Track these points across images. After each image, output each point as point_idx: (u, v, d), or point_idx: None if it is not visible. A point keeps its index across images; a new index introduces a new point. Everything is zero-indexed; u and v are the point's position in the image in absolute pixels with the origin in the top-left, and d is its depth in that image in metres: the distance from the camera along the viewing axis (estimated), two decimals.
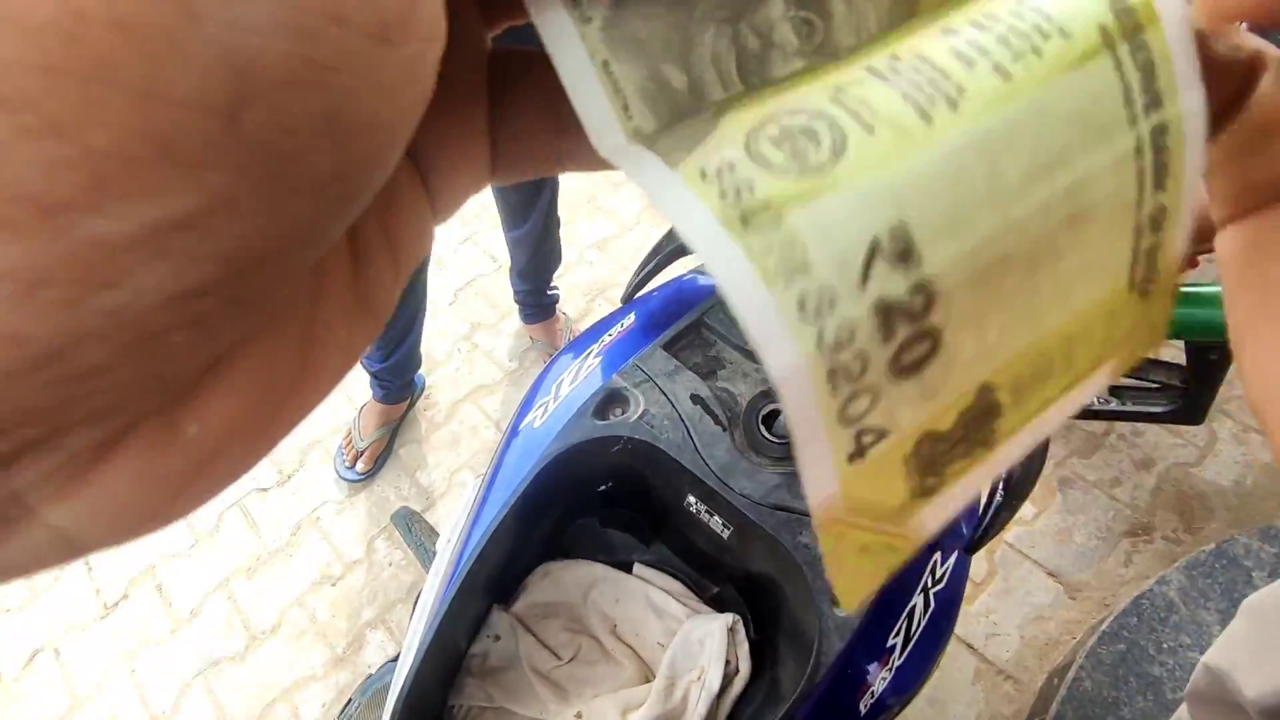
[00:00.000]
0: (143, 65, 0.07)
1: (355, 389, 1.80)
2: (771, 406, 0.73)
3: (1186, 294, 0.51)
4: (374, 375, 1.60)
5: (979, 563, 1.44)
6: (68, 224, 0.07)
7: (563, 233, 1.69)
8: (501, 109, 0.15)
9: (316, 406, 0.13)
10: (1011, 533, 1.48)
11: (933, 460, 0.12)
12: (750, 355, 0.77)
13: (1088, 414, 0.56)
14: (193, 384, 0.10)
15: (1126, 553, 1.45)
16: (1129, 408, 0.58)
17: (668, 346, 0.76)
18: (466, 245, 2.11)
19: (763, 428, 0.72)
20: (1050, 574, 1.43)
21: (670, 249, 0.82)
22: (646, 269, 0.85)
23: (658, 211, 0.11)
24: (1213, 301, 0.51)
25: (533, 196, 1.51)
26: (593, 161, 0.14)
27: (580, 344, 0.86)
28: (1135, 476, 1.54)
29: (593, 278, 2.01)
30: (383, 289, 0.13)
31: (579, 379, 0.77)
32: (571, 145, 0.15)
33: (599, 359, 0.79)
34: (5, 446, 0.08)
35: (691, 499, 0.71)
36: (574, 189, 2.21)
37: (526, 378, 1.81)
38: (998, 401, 0.12)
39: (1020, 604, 1.40)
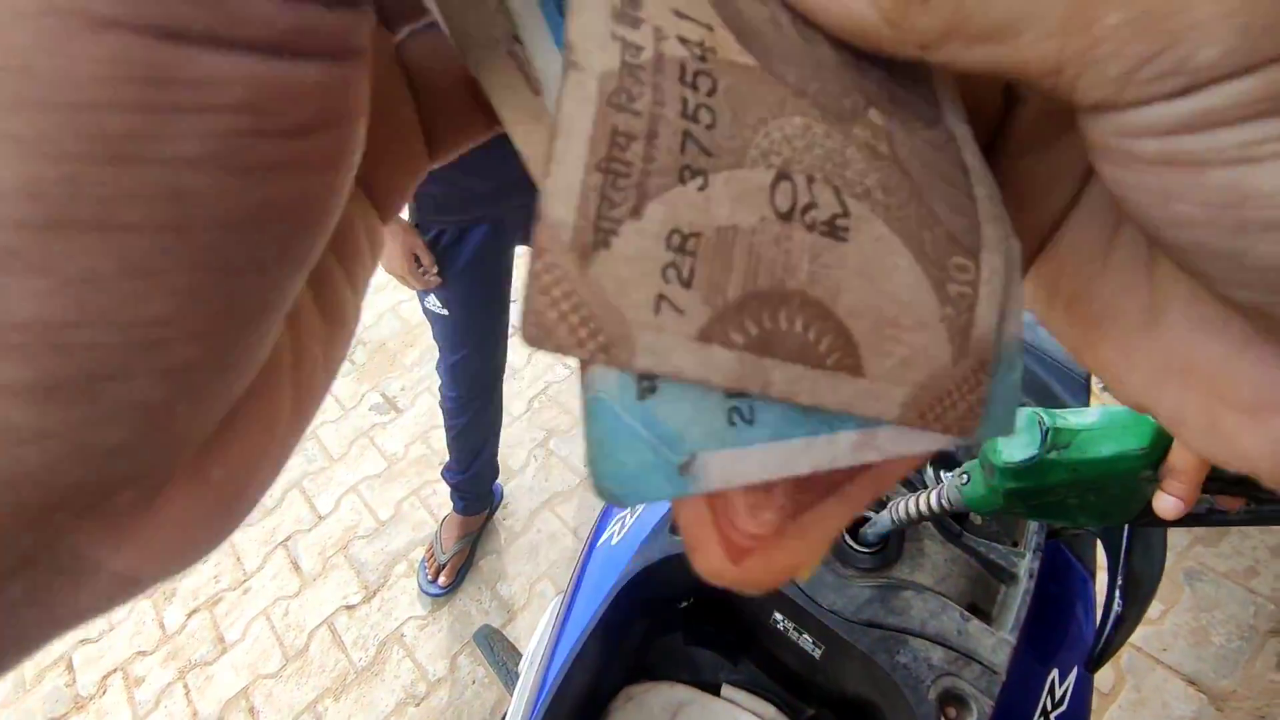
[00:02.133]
0: (99, 208, 0.08)
1: (435, 502, 1.83)
2: (858, 514, 0.71)
3: None
4: (454, 487, 1.63)
5: (1104, 670, 1.31)
6: (65, 342, 0.09)
7: None
8: (427, 96, 0.16)
9: (313, 420, 0.14)
10: (1137, 634, 1.35)
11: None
12: None
13: (1225, 519, 0.51)
14: (211, 438, 0.11)
15: (1277, 654, 1.28)
16: (1262, 512, 0.51)
17: None
18: (538, 354, 2.17)
19: (848, 537, 0.69)
20: (1189, 681, 1.28)
21: None
22: None
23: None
24: None
25: None
26: None
27: None
28: (1274, 565, 1.39)
29: None
30: (344, 304, 0.15)
31: None
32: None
33: None
34: (61, 516, 0.10)
35: (778, 615, 0.68)
36: None
37: None
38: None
39: (1158, 718, 1.25)
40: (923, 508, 0.58)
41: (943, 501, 0.57)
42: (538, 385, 2.09)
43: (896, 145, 0.13)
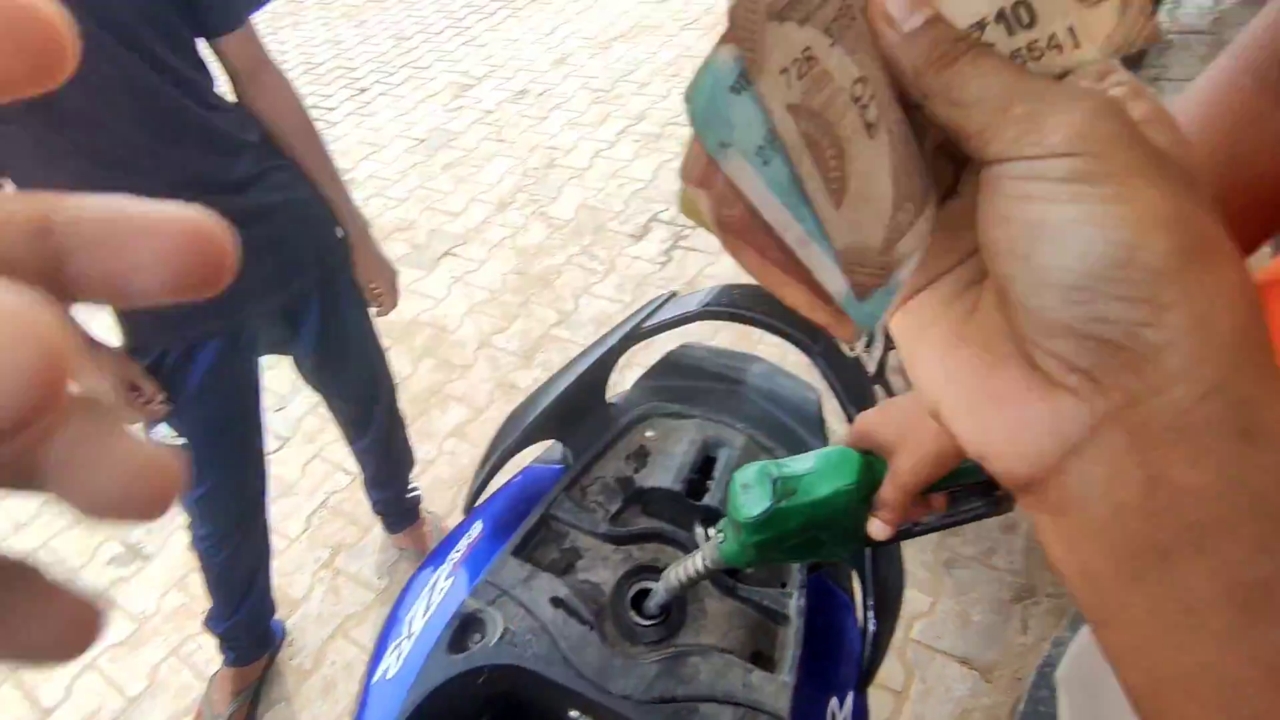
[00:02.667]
0: None
1: (201, 658, 1.58)
2: (639, 586, 0.71)
3: None
4: (222, 636, 1.42)
5: (894, 669, 1.43)
6: None
7: (415, 427, 1.64)
8: None
9: None
10: (916, 628, 1.49)
11: None
12: (609, 538, 0.75)
13: (925, 529, 0.58)
14: None
15: (1021, 619, 1.49)
16: (960, 513, 0.60)
17: (518, 551, 0.73)
18: (314, 463, 1.99)
19: (633, 612, 0.69)
20: (961, 661, 1.44)
21: (506, 446, 0.81)
22: (486, 468, 0.82)
23: None
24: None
25: (368, 405, 1.46)
26: None
27: (433, 561, 0.81)
28: (1006, 542, 1.62)
29: (456, 469, 1.94)
30: None
31: (431, 609, 0.72)
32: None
33: (450, 580, 0.74)
34: None
35: (574, 713, 0.66)
36: (419, 381, 2.17)
37: None
38: None
39: (943, 702, 1.38)
40: (694, 570, 0.60)
41: (708, 562, 0.59)
42: (316, 498, 1.90)
43: (905, 144, 0.20)
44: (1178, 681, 0.17)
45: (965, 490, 0.64)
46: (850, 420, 0.80)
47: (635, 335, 0.82)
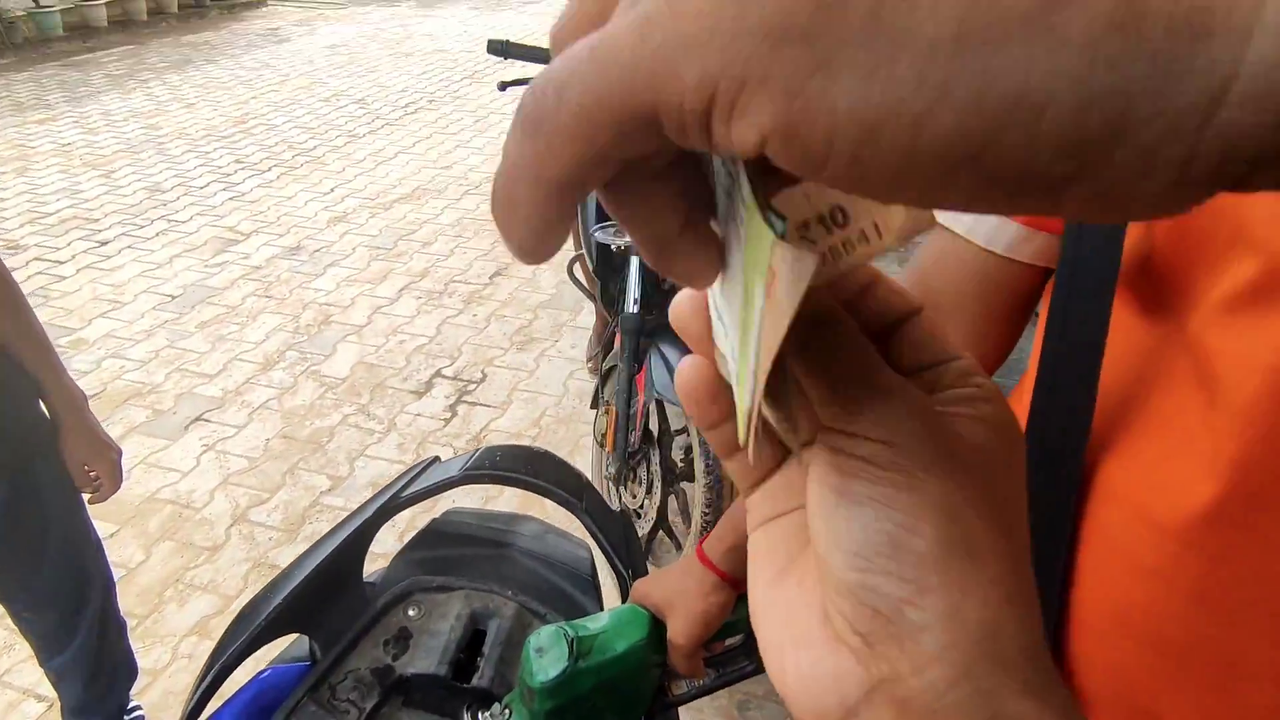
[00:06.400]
0: None
1: None
2: None
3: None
4: None
5: None
6: None
7: (142, 629, 1.37)
8: None
9: None
10: None
11: None
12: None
13: (700, 692, 0.62)
14: None
15: None
16: (729, 674, 0.64)
17: None
18: None
19: None
20: None
21: (234, 648, 0.70)
22: (209, 677, 0.70)
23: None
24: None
25: (71, 614, 1.20)
26: None
27: None
28: None
29: (195, 675, 1.63)
30: None
31: None
32: None
33: None
34: None
35: None
36: (152, 571, 1.85)
37: None
38: None
39: None
40: None
41: None
42: None
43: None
44: None
45: (733, 652, 0.66)
46: (620, 577, 0.80)
47: (392, 506, 0.77)
